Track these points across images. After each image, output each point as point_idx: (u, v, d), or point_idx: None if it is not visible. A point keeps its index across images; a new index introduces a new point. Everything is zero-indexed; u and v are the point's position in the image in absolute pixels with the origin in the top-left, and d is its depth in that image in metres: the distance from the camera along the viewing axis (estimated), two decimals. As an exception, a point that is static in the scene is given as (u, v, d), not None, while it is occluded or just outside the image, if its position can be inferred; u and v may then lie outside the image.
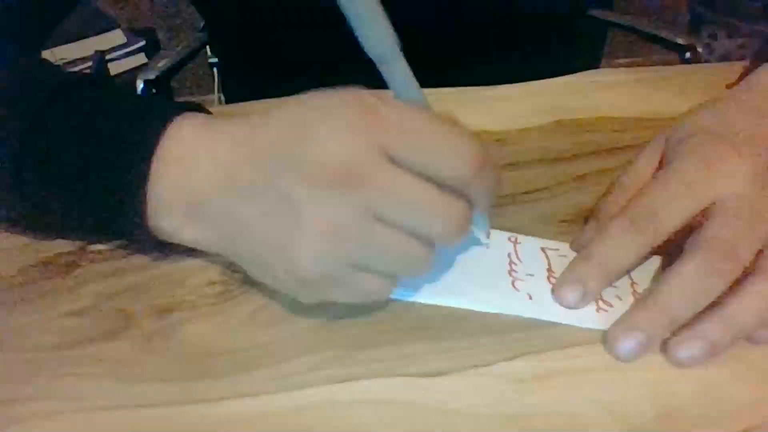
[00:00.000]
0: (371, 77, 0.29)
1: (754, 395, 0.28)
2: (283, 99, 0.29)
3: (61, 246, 0.36)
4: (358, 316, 0.31)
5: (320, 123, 0.27)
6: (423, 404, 0.28)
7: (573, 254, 0.35)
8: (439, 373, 0.29)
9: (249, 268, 0.31)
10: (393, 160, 0.27)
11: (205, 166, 0.30)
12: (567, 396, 0.28)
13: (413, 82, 0.29)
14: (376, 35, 0.27)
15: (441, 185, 0.27)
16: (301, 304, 0.30)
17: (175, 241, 0.32)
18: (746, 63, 0.49)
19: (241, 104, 0.51)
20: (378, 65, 0.28)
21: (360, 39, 0.27)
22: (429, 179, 0.27)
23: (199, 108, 0.34)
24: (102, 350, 0.30)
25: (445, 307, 0.32)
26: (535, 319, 0.31)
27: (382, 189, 0.27)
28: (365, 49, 0.27)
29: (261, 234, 0.28)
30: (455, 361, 0.29)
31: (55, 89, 0.32)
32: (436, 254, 0.29)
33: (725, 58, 1.79)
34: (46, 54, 1.47)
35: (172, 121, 0.31)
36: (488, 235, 0.34)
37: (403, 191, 0.27)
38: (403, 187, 0.27)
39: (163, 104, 0.32)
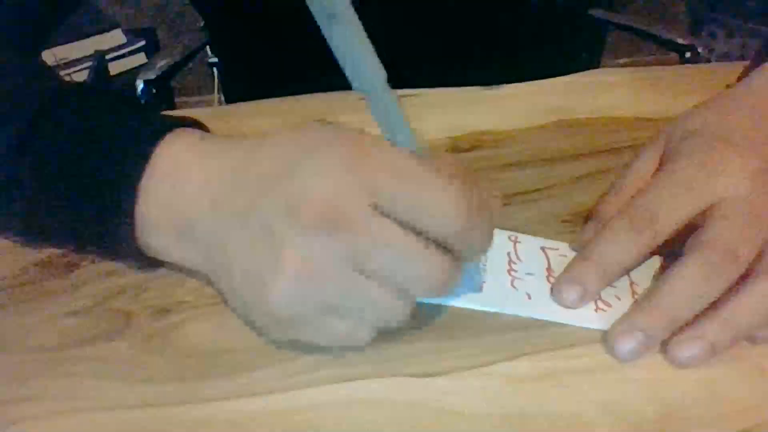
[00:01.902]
0: None
1: (754, 395, 0.28)
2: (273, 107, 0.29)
3: (61, 246, 0.36)
4: (358, 316, 0.31)
5: (311, 159, 0.26)
6: (423, 404, 0.28)
7: (573, 254, 0.35)
8: (439, 373, 0.29)
9: (228, 298, 0.30)
10: (380, 209, 0.26)
11: (193, 187, 0.30)
12: (567, 396, 0.28)
13: (401, 118, 0.28)
14: (364, 71, 0.26)
15: (429, 238, 0.26)
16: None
17: (165, 259, 0.32)
18: (746, 63, 0.49)
19: (241, 104, 0.51)
20: (366, 100, 0.27)
21: (347, 75, 0.26)
22: (416, 231, 0.26)
23: (195, 123, 0.33)
24: (102, 350, 0.30)
25: (446, 307, 0.32)
26: (535, 319, 0.31)
27: (367, 238, 0.26)
28: (352, 85, 0.26)
29: (241, 262, 0.28)
30: (455, 361, 0.29)
31: (46, 102, 0.32)
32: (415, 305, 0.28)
33: (725, 58, 1.79)
34: (46, 54, 1.47)
35: (165, 137, 0.31)
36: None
37: (387, 243, 0.26)
38: (388, 238, 0.26)
39: (156, 119, 0.32)
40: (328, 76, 0.30)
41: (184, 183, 0.30)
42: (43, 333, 0.31)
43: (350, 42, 0.25)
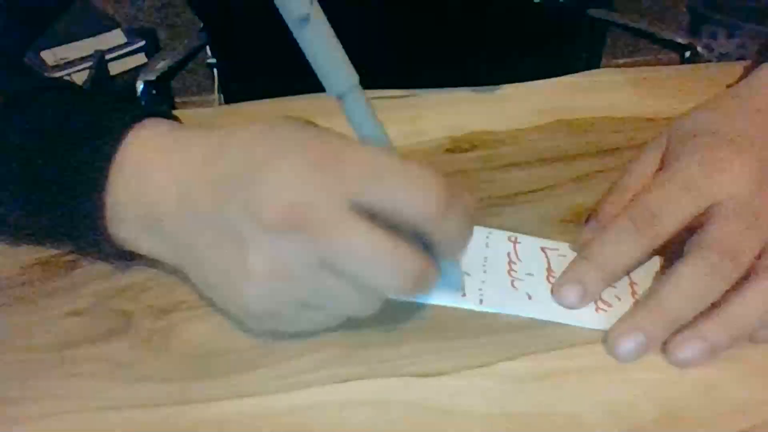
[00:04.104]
0: (368, 78, 0.28)
1: (754, 395, 0.28)
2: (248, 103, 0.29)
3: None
4: (358, 316, 0.31)
5: (277, 159, 0.26)
6: (423, 404, 0.28)
7: (573, 254, 0.35)
8: (439, 373, 0.29)
9: (202, 289, 0.30)
10: (353, 206, 0.26)
11: (159, 183, 0.30)
12: (567, 396, 0.28)
13: (373, 118, 0.28)
14: (335, 73, 0.26)
15: (403, 236, 0.26)
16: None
17: (136, 250, 0.32)
18: (746, 63, 0.49)
19: (241, 104, 0.51)
20: (338, 101, 0.27)
21: (318, 76, 0.26)
22: (390, 227, 0.26)
23: (165, 113, 0.33)
24: (102, 350, 0.30)
25: (445, 307, 0.32)
26: (535, 319, 0.31)
27: (332, 240, 0.26)
28: (324, 86, 0.26)
29: (210, 260, 0.28)
30: (455, 361, 0.29)
31: (13, 95, 0.32)
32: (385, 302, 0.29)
33: (725, 58, 1.79)
34: (46, 54, 1.48)
35: (132, 128, 0.31)
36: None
37: (353, 245, 0.26)
38: (355, 240, 0.25)
39: (125, 109, 0.32)
40: None
41: (150, 177, 0.30)
42: (43, 333, 0.31)
43: (326, 50, 0.25)
